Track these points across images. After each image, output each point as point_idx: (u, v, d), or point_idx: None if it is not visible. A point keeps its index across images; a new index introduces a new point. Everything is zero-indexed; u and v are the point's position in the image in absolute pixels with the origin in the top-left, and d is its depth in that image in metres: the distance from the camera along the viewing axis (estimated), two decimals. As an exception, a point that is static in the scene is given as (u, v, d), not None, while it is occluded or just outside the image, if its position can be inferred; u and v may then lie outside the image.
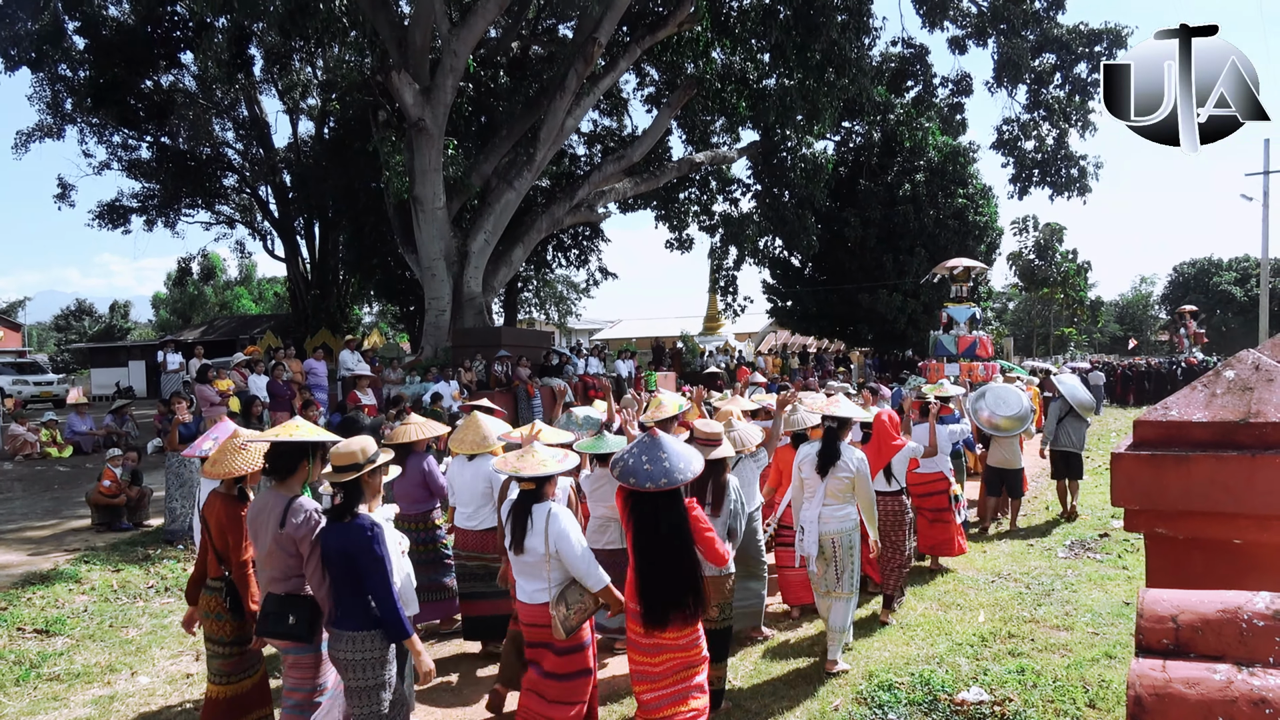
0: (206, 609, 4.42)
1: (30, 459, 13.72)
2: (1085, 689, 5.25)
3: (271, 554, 3.94)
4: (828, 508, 5.72)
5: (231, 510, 4.24)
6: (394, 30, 19.34)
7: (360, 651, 3.80)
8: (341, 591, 3.85)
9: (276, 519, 3.90)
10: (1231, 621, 1.76)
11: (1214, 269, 65.26)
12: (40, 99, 25.38)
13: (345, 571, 3.81)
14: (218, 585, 4.35)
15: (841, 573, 5.72)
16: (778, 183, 26.59)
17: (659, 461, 4.02)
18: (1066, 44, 23.41)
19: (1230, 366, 2.49)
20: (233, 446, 4.30)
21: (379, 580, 3.77)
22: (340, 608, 3.85)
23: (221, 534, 4.24)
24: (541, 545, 4.14)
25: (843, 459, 5.69)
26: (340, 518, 3.85)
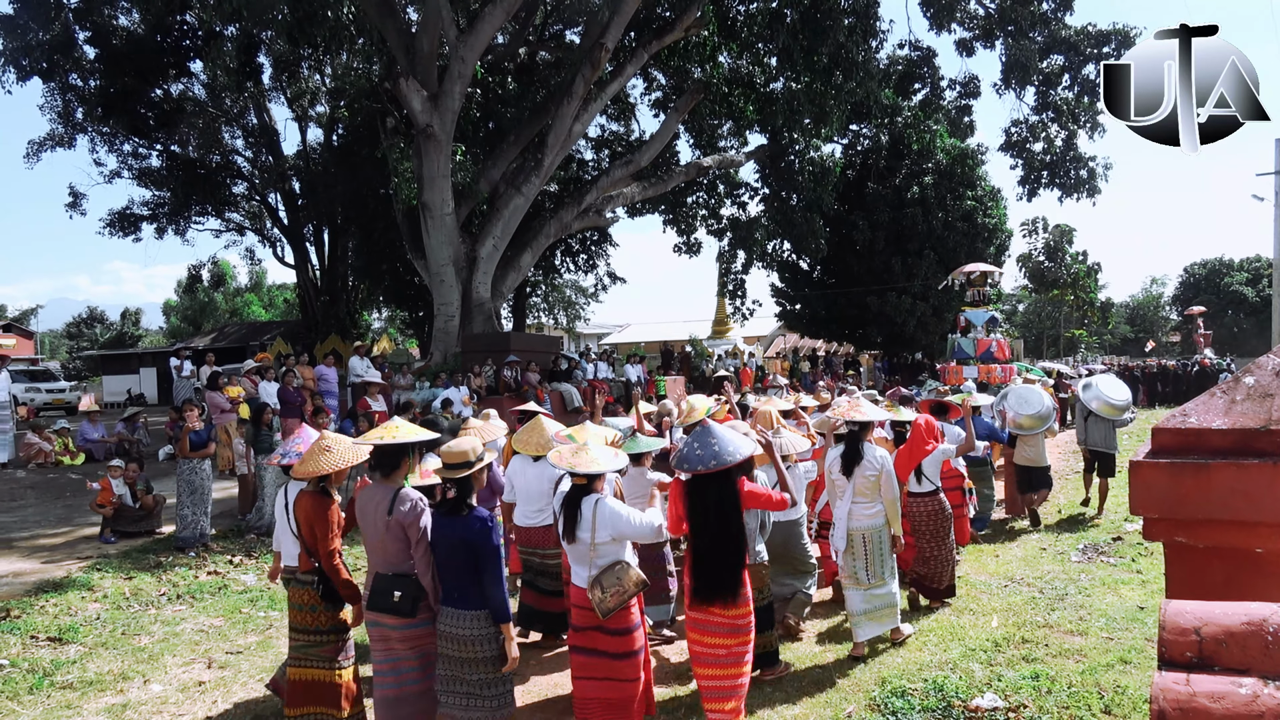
0: (299, 602, 4.78)
1: (43, 466, 13.78)
2: (1100, 695, 5.21)
3: (382, 540, 4.33)
4: (857, 505, 6.10)
5: (318, 506, 4.59)
6: (402, 37, 19.41)
7: (473, 628, 4.21)
8: (456, 575, 4.26)
9: (385, 508, 4.30)
10: (1257, 634, 1.74)
11: (1225, 269, 64.88)
12: (51, 108, 25.56)
13: (461, 558, 4.22)
14: (309, 579, 4.69)
15: (870, 564, 6.07)
16: (786, 186, 26.55)
17: (709, 446, 4.39)
18: (1075, 45, 23.32)
19: (1250, 373, 2.46)
20: (320, 448, 4.61)
21: (493, 567, 4.21)
22: (454, 589, 4.26)
23: (310, 528, 4.60)
24: (589, 535, 4.50)
25: (866, 458, 6.05)
26: (455, 510, 4.28)
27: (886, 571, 6.12)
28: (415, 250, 21.30)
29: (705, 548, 4.44)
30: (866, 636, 6.12)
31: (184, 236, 30.59)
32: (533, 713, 5.43)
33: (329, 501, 4.64)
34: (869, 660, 6.00)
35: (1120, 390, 10.96)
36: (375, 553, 4.42)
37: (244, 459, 10.77)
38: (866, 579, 6.08)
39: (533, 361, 18.95)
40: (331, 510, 4.61)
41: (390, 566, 4.33)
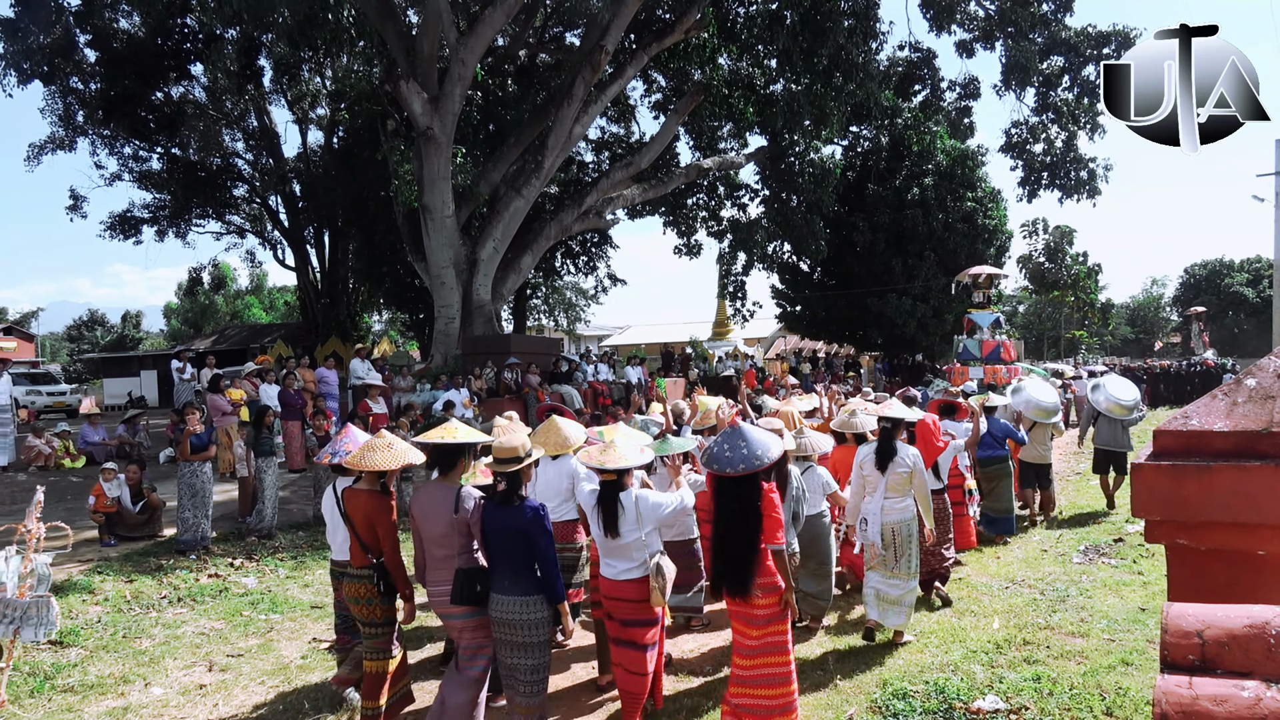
0: (355, 595, 4.90)
1: (44, 469, 13.77)
2: (1102, 697, 5.20)
3: (447, 535, 4.62)
4: (889, 500, 6.34)
5: (378, 503, 4.81)
6: (402, 40, 19.43)
7: (530, 612, 4.49)
8: (511, 563, 4.52)
9: (449, 506, 4.59)
10: (1259, 637, 1.73)
11: (1226, 270, 64.83)
12: (52, 111, 25.58)
13: (516, 546, 4.49)
14: (366, 573, 4.84)
15: (900, 557, 6.34)
16: (786, 188, 26.55)
17: (738, 449, 4.54)
18: (1074, 46, 23.31)
19: (1251, 374, 2.46)
20: (379, 445, 4.84)
21: (547, 553, 4.48)
22: (509, 576, 4.52)
23: (369, 525, 4.80)
24: (634, 528, 4.73)
25: (899, 455, 6.32)
26: (507, 501, 4.55)
27: (911, 567, 6.38)
28: (416, 252, 21.30)
29: (725, 544, 4.59)
30: (876, 616, 6.39)
31: (185, 239, 30.63)
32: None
33: (388, 498, 4.85)
34: (870, 662, 5.99)
35: (1128, 390, 11.26)
36: (441, 548, 4.66)
37: (244, 462, 10.75)
38: (893, 565, 6.35)
39: (533, 364, 18.95)
40: (392, 505, 4.85)
41: (460, 560, 4.62)
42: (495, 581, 4.57)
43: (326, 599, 7.98)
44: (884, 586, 6.34)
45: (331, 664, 6.39)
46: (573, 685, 5.92)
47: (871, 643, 6.37)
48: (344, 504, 4.95)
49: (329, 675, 5.98)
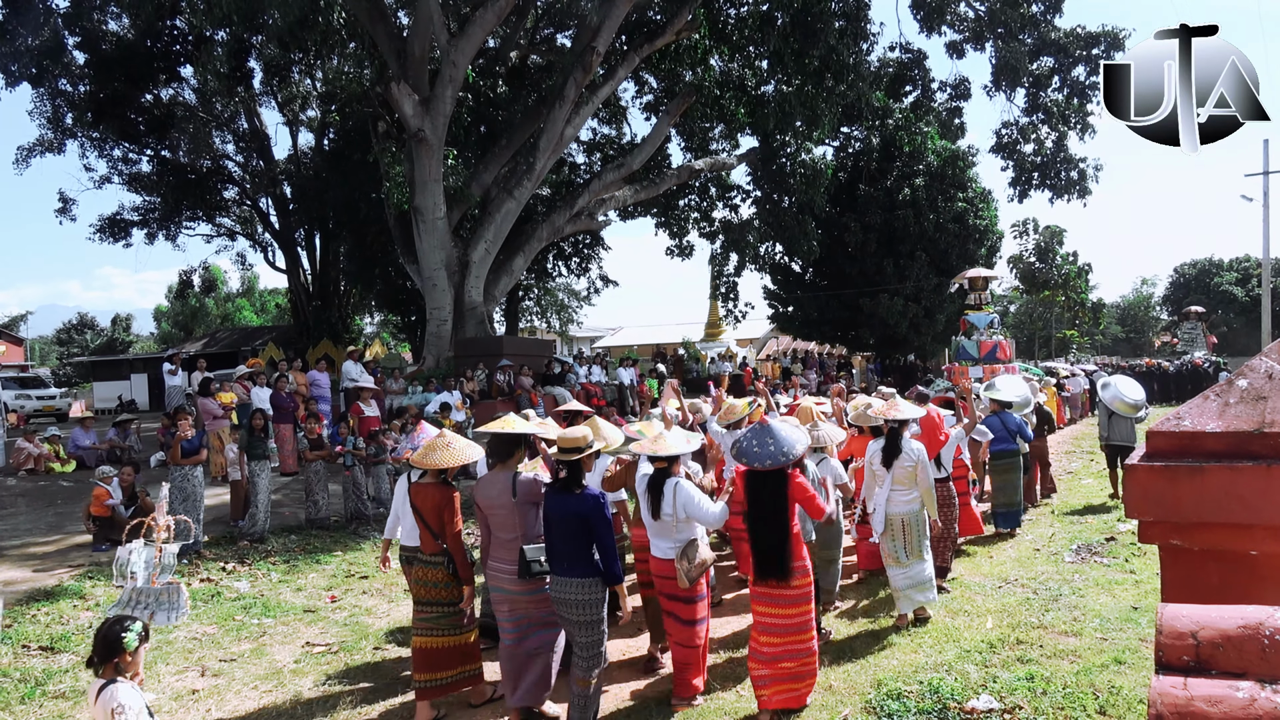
0: (427, 579, 5.31)
1: (34, 474, 13.70)
2: (1095, 696, 5.22)
3: (509, 518, 5.04)
4: (895, 492, 6.74)
5: (444, 494, 5.24)
6: (393, 41, 19.39)
7: (588, 593, 4.80)
8: (571, 546, 4.80)
9: (509, 490, 5.01)
10: (1253, 638, 1.74)
11: (1215, 269, 65.16)
12: (41, 114, 25.44)
13: (576, 530, 4.78)
14: (438, 560, 5.26)
15: (908, 544, 6.72)
16: (777, 189, 26.59)
17: (766, 445, 4.99)
18: (1064, 47, 23.42)
19: (1243, 375, 2.47)
20: (440, 444, 5.25)
21: (607, 537, 4.80)
22: (568, 559, 4.80)
23: (437, 514, 5.21)
24: (672, 510, 5.18)
25: (904, 451, 6.71)
26: (569, 489, 4.83)
27: (923, 550, 6.77)
28: (407, 254, 21.27)
29: (760, 532, 5.06)
30: (908, 609, 6.75)
31: (175, 242, 30.49)
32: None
33: (451, 490, 5.31)
34: (864, 662, 6.00)
35: (1135, 389, 11.82)
36: (505, 530, 5.09)
37: (237, 465, 10.71)
38: (905, 558, 6.72)
39: (525, 365, 18.94)
40: (455, 497, 5.30)
41: (523, 540, 5.00)
42: (554, 564, 4.88)
43: (319, 603, 7.96)
44: (902, 579, 6.73)
45: (324, 668, 6.37)
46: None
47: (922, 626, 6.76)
48: (413, 497, 5.35)
49: (323, 679, 5.96)
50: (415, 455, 5.37)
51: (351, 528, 11.00)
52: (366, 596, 8.37)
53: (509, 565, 5.03)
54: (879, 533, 6.85)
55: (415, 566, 5.48)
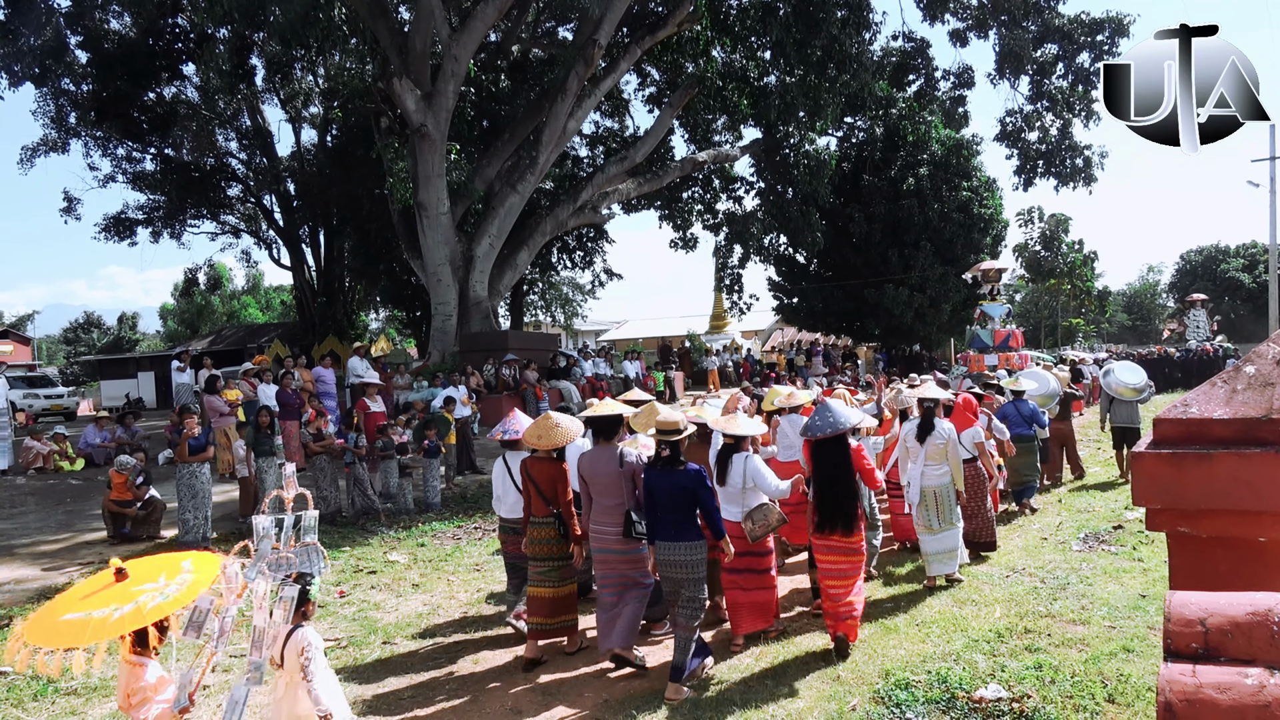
0: (539, 537, 6.16)
1: (43, 472, 13.76)
2: (1104, 684, 5.21)
3: (613, 486, 5.77)
4: (928, 467, 7.51)
5: (556, 468, 6.12)
6: (394, 37, 19.36)
7: (694, 554, 5.53)
8: (675, 515, 5.51)
9: (614, 462, 5.77)
10: (1262, 624, 1.74)
11: (1221, 256, 64.83)
12: (44, 114, 25.49)
13: (683, 501, 5.50)
14: (549, 520, 6.12)
15: (940, 513, 7.45)
16: (781, 180, 26.55)
17: (826, 418, 6.07)
18: (1068, 34, 23.32)
19: (1250, 362, 2.46)
20: (549, 426, 6.12)
21: (710, 503, 5.52)
22: (674, 526, 5.51)
23: (551, 484, 6.08)
24: (739, 481, 6.08)
25: (937, 429, 7.51)
26: (671, 465, 5.55)
27: (953, 519, 7.48)
28: (411, 250, 21.27)
29: (826, 491, 6.03)
30: (937, 573, 7.47)
31: (179, 240, 30.60)
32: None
33: (562, 464, 6.16)
34: (872, 652, 6.01)
35: (1136, 375, 12.57)
36: (608, 497, 5.79)
37: (244, 462, 10.74)
38: (938, 525, 7.42)
39: (531, 360, 18.94)
40: (566, 470, 6.15)
41: (625, 506, 5.72)
42: (661, 530, 5.57)
43: (328, 598, 7.98)
44: (933, 544, 7.44)
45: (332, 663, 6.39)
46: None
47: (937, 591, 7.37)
48: (529, 471, 6.16)
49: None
50: (529, 437, 6.20)
51: (360, 523, 11.03)
52: (375, 592, 8.39)
53: (612, 528, 5.76)
54: (915, 504, 7.53)
55: (530, 529, 6.27)
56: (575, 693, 5.72)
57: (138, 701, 3.59)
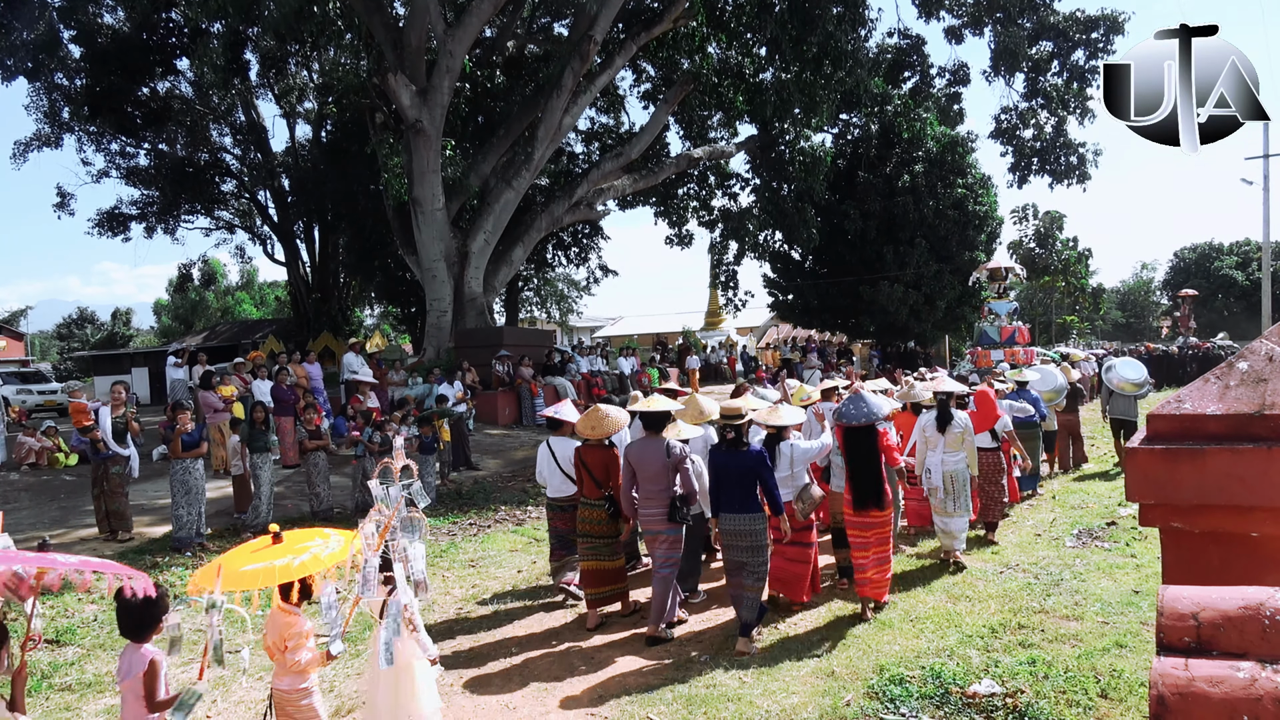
0: (590, 517, 6.88)
1: (36, 468, 13.71)
2: (1097, 679, 5.24)
3: (659, 474, 6.37)
4: (947, 454, 8.17)
5: (608, 454, 6.90)
6: (389, 32, 19.30)
7: (754, 524, 6.17)
8: (740, 491, 6.17)
9: (662, 454, 6.36)
10: (1254, 618, 1.75)
11: (1215, 254, 65.04)
12: (37, 108, 25.36)
13: (744, 479, 6.15)
14: (600, 503, 6.83)
15: (957, 497, 8.12)
16: (776, 176, 26.54)
17: (861, 407, 6.81)
18: (1063, 31, 23.33)
19: (1243, 358, 2.47)
20: (599, 416, 6.90)
21: (771, 480, 6.19)
22: (738, 501, 6.17)
23: (604, 470, 6.84)
24: (787, 467, 6.74)
25: (955, 419, 8.20)
26: (735, 447, 6.23)
27: (963, 505, 8.14)
28: (406, 246, 21.23)
29: (859, 473, 6.79)
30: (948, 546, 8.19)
31: (173, 235, 30.48)
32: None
33: (613, 450, 6.92)
34: (866, 648, 6.03)
35: (1136, 370, 13.29)
36: (654, 484, 6.39)
37: (239, 458, 10.72)
38: (953, 508, 8.11)
39: (526, 356, 18.92)
40: (617, 455, 6.82)
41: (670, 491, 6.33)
42: (726, 504, 6.24)
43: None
44: (944, 523, 8.15)
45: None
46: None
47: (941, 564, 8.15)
48: (583, 457, 6.92)
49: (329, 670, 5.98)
50: (583, 427, 6.96)
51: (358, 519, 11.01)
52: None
53: (657, 510, 6.39)
54: (939, 489, 8.15)
55: (580, 509, 6.98)
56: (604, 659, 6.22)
57: (293, 646, 4.15)
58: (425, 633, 4.63)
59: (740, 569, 6.24)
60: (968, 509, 8.18)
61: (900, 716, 4.94)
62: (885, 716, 4.96)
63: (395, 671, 4.42)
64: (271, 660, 4.20)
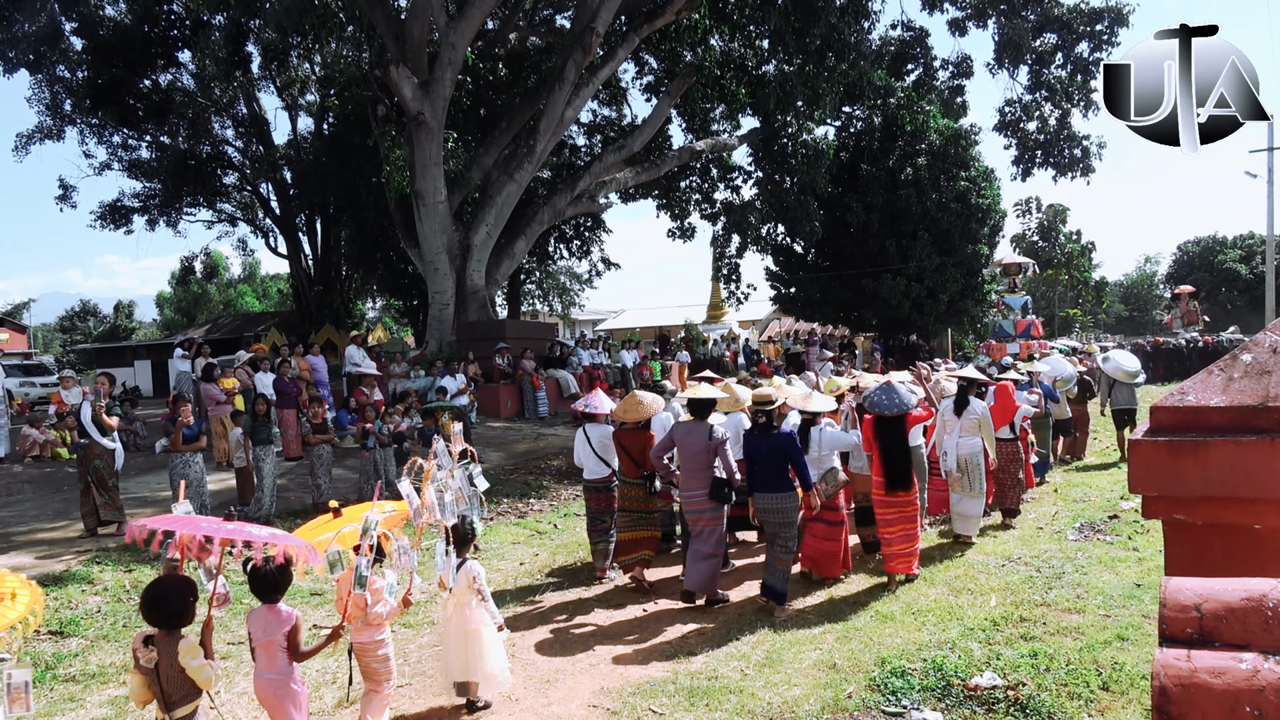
0: (631, 495, 7.65)
1: (39, 460, 13.74)
2: (1098, 672, 5.24)
3: (701, 456, 6.88)
4: (962, 438, 8.71)
5: (645, 437, 7.62)
6: (391, 24, 19.27)
7: (786, 502, 6.79)
8: (772, 471, 6.74)
9: (705, 437, 6.89)
10: (1257, 609, 1.75)
11: (1219, 247, 64.78)
12: (39, 101, 25.39)
13: (775, 460, 6.73)
14: (638, 480, 7.59)
15: (972, 480, 8.66)
16: (779, 169, 26.47)
17: (892, 398, 7.36)
18: (1067, 23, 23.25)
19: (1247, 350, 2.46)
20: (634, 403, 7.60)
21: (801, 462, 6.79)
22: (771, 480, 6.75)
23: (641, 451, 7.54)
24: (816, 450, 7.39)
25: (971, 405, 8.76)
26: (767, 430, 6.84)
27: (978, 487, 8.67)
28: (408, 239, 21.22)
29: (890, 458, 7.37)
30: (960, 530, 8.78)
31: (175, 228, 30.51)
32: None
33: (648, 433, 7.68)
34: (868, 640, 6.04)
35: (1131, 361, 14.16)
36: (696, 464, 6.93)
37: (241, 450, 10.73)
38: (971, 488, 8.65)
39: (528, 349, 18.92)
40: (653, 437, 7.59)
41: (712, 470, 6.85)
42: (760, 484, 6.79)
43: (326, 587, 7.98)
44: (959, 506, 8.70)
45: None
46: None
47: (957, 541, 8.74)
48: (621, 440, 7.66)
49: (332, 661, 6.00)
50: (619, 412, 7.68)
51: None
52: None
53: (699, 490, 6.91)
54: (953, 470, 8.69)
55: (620, 486, 7.74)
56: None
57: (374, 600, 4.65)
58: (493, 602, 5.26)
59: (772, 542, 6.88)
60: (982, 491, 8.66)
61: (902, 709, 4.95)
62: (887, 709, 4.96)
63: (466, 635, 5.08)
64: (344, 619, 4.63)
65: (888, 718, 4.88)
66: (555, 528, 10.68)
